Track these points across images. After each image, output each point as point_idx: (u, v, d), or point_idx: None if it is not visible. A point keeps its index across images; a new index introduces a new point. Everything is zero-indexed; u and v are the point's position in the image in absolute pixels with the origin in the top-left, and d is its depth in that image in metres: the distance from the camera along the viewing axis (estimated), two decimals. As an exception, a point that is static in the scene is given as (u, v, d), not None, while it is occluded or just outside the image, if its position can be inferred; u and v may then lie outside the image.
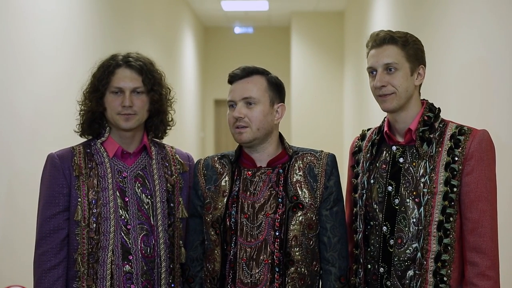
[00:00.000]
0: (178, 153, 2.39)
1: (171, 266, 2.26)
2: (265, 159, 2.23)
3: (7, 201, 3.24)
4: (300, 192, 2.18)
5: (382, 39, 2.14)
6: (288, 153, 2.23)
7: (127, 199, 2.21)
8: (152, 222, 2.23)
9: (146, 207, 2.23)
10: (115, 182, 2.21)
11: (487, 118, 3.09)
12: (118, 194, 2.20)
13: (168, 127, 2.36)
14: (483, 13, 3.23)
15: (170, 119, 2.35)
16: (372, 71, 2.17)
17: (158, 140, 2.38)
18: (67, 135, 2.31)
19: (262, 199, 2.17)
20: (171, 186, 2.29)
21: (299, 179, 2.19)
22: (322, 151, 2.27)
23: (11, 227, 3.26)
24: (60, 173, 2.19)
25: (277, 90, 2.23)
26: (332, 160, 2.24)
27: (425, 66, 2.18)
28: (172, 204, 2.28)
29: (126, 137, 2.26)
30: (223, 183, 2.23)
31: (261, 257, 2.13)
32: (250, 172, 2.21)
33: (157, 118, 2.30)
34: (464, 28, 3.54)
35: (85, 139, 2.30)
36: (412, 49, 2.14)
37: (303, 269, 2.15)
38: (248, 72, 2.21)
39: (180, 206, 2.30)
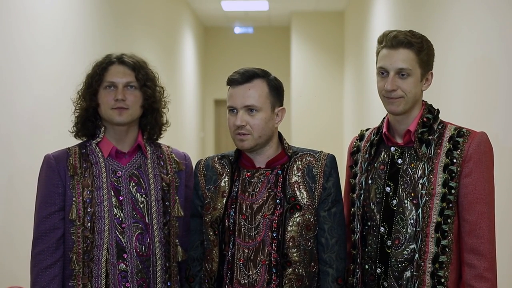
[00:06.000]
0: (175, 152, 2.39)
1: (166, 264, 2.26)
2: (264, 160, 2.22)
3: (7, 199, 3.24)
4: (298, 193, 2.17)
5: (399, 42, 2.08)
6: (288, 153, 2.22)
7: (122, 198, 2.22)
8: (147, 221, 2.24)
9: (141, 205, 2.24)
10: (109, 181, 2.22)
11: (490, 118, 3.09)
12: (112, 193, 2.22)
13: (163, 128, 2.36)
14: (483, 14, 3.23)
15: (165, 121, 2.35)
16: (383, 72, 2.13)
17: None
18: (67, 133, 2.32)
19: (260, 200, 2.17)
20: (166, 185, 2.29)
21: (297, 180, 2.19)
22: (322, 151, 2.25)
23: (11, 225, 3.27)
24: (55, 173, 2.21)
25: (277, 93, 2.21)
26: (331, 161, 2.22)
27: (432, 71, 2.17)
28: (167, 203, 2.28)
29: (121, 132, 2.26)
30: (222, 184, 2.23)
31: (258, 258, 2.13)
32: (249, 173, 2.21)
33: (151, 116, 2.30)
34: (465, 28, 3.54)
35: (81, 141, 2.31)
36: (426, 55, 2.11)
37: (300, 270, 2.15)
38: (248, 77, 2.16)
39: (176, 205, 2.30)
